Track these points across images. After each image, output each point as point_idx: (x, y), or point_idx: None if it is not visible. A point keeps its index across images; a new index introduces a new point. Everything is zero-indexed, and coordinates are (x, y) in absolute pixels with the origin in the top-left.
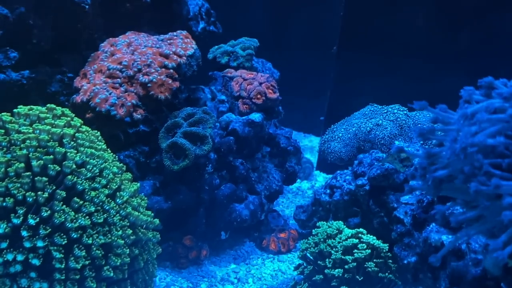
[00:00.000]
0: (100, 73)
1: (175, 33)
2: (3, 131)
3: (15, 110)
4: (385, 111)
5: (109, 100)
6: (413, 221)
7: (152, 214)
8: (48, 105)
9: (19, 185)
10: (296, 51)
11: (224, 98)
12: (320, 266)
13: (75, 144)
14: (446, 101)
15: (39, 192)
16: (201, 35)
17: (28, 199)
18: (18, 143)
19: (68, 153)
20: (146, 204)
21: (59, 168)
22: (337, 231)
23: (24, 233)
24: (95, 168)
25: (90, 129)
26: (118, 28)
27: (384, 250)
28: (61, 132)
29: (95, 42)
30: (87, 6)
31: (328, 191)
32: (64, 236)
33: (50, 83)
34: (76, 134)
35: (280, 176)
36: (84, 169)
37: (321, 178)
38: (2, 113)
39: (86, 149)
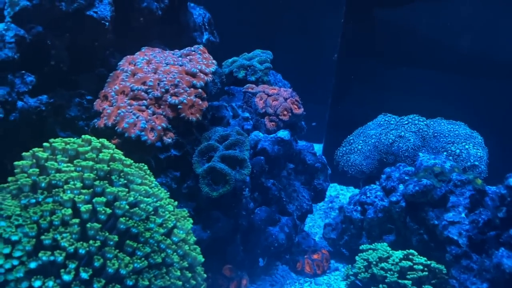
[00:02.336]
0: (123, 95)
1: (192, 48)
2: (37, 170)
3: (46, 144)
4: (406, 122)
5: (138, 125)
6: (469, 243)
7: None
8: (83, 136)
9: (68, 235)
10: (293, 56)
11: (248, 116)
12: None
13: (125, 181)
14: (446, 106)
15: (91, 241)
16: (205, 46)
17: (80, 251)
18: (60, 183)
19: (120, 193)
20: (194, 240)
21: (111, 211)
22: (387, 254)
23: None
24: (149, 207)
25: (132, 160)
26: (129, 44)
27: (444, 272)
28: (108, 169)
29: (107, 59)
30: (107, 23)
31: (359, 208)
32: (119, 287)
33: (68, 107)
34: (124, 169)
35: (309, 195)
36: (137, 209)
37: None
38: (35, 149)
39: (138, 186)
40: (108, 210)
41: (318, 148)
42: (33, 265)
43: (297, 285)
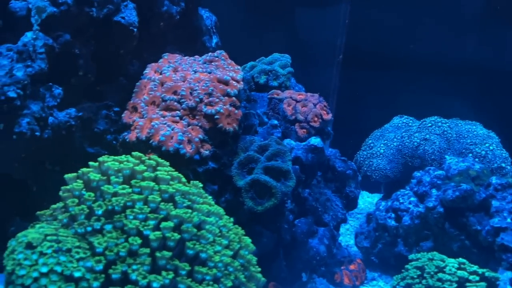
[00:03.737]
0: (154, 105)
1: (215, 54)
2: (93, 194)
3: (93, 163)
4: (430, 124)
5: (175, 137)
6: None
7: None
8: (133, 153)
9: (138, 267)
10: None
11: (277, 123)
12: None
13: (189, 202)
14: (452, 109)
15: (163, 273)
16: (214, 50)
17: (154, 284)
18: (118, 208)
19: (185, 215)
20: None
21: (179, 236)
22: (443, 263)
23: None
24: (214, 228)
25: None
26: (146, 50)
27: (500, 279)
28: (173, 190)
29: (126, 67)
30: (135, 29)
31: (392, 215)
32: None
33: (96, 120)
34: (184, 188)
35: (341, 203)
36: (204, 231)
37: None
38: (85, 170)
39: (200, 205)
40: (177, 236)
41: None
42: None
43: None
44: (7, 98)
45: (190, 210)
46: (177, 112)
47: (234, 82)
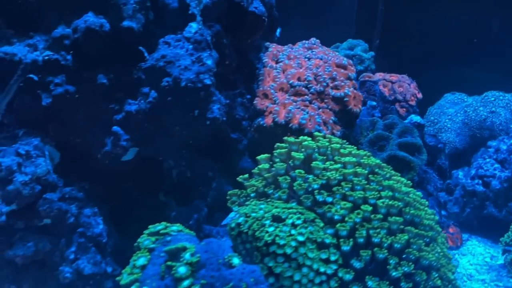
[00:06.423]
0: (282, 91)
1: (312, 41)
2: (301, 171)
3: (280, 144)
4: (493, 98)
5: (313, 120)
6: None
7: None
8: (315, 133)
9: (379, 231)
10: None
11: (375, 104)
12: None
13: (387, 173)
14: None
15: (399, 235)
16: (278, 39)
17: (396, 245)
18: (335, 182)
19: (395, 184)
20: None
21: (401, 203)
22: None
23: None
24: (416, 197)
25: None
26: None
27: None
28: (372, 162)
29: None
30: (266, 19)
31: (480, 181)
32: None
33: (234, 107)
34: (377, 161)
35: (436, 175)
36: (411, 199)
37: None
38: (282, 151)
39: (397, 177)
40: (398, 203)
41: None
42: (358, 265)
43: None
44: (204, 85)
45: (394, 181)
46: (306, 97)
47: (351, 66)
